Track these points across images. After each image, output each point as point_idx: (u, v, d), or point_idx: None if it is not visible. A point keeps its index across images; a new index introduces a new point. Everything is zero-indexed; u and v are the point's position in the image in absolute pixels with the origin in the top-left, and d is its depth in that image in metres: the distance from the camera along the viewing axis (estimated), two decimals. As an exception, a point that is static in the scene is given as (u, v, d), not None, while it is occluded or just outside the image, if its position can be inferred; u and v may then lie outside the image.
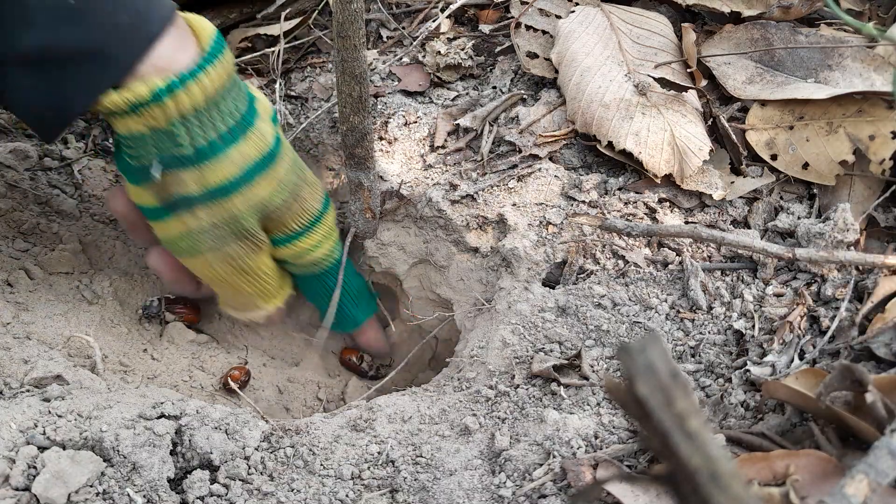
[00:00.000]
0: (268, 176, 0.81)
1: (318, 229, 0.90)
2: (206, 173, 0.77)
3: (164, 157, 0.75)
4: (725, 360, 0.77)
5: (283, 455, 0.69)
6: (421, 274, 1.04)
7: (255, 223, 0.83)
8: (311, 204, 0.88)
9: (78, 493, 0.61)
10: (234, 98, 0.78)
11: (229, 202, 0.79)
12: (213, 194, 0.78)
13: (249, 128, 0.79)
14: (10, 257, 0.90)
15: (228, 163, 0.77)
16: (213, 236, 0.81)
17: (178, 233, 0.81)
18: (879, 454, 0.52)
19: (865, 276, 0.79)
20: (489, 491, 0.66)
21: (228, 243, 0.82)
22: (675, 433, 0.31)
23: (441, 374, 0.89)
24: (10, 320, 0.81)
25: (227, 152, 0.77)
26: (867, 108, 0.88)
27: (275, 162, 0.82)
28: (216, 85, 0.75)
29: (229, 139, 0.77)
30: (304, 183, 0.87)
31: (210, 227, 0.80)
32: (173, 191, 0.78)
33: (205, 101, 0.74)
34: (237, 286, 0.88)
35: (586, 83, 0.95)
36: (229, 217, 0.80)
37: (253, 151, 0.79)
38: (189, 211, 0.79)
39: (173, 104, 0.72)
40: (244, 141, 0.78)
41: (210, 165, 0.77)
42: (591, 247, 0.88)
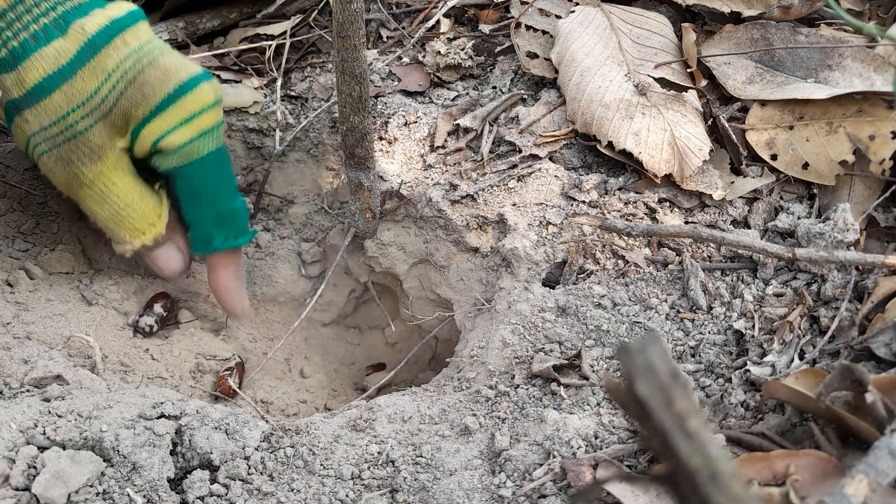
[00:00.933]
0: (90, 67, 0.78)
1: (171, 112, 0.81)
2: (23, 75, 0.76)
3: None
4: (725, 360, 0.77)
5: (283, 455, 0.69)
6: (421, 274, 1.04)
7: (85, 123, 0.79)
8: (156, 88, 0.80)
9: (78, 493, 0.61)
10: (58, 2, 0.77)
11: (51, 101, 0.77)
12: (33, 94, 0.77)
13: (69, 24, 0.77)
14: (10, 257, 0.90)
15: (42, 60, 0.76)
16: (46, 137, 0.79)
17: (21, 138, 0.81)
18: (879, 454, 0.52)
19: (865, 276, 0.79)
20: (489, 491, 0.66)
21: (60, 145, 0.80)
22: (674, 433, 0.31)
23: (441, 374, 0.89)
24: (10, 320, 0.81)
25: (41, 51, 0.76)
26: (867, 108, 0.88)
27: (98, 53, 0.78)
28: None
29: (43, 38, 0.76)
30: (149, 67, 0.80)
31: (39, 130, 0.79)
32: (3, 98, 0.78)
33: (6, 2, 0.74)
34: (92, 208, 0.84)
35: (586, 83, 0.95)
36: (55, 118, 0.78)
37: (70, 46, 0.77)
38: (19, 115, 0.78)
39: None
40: (63, 38, 0.77)
41: (24, 66, 0.76)
42: (591, 247, 0.88)
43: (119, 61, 0.79)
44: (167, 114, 0.80)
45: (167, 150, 0.82)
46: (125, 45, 0.80)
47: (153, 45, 0.82)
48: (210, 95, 0.83)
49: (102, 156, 0.81)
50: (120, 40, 0.79)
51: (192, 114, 0.82)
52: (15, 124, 0.80)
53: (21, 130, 0.80)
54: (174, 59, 0.82)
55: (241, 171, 1.08)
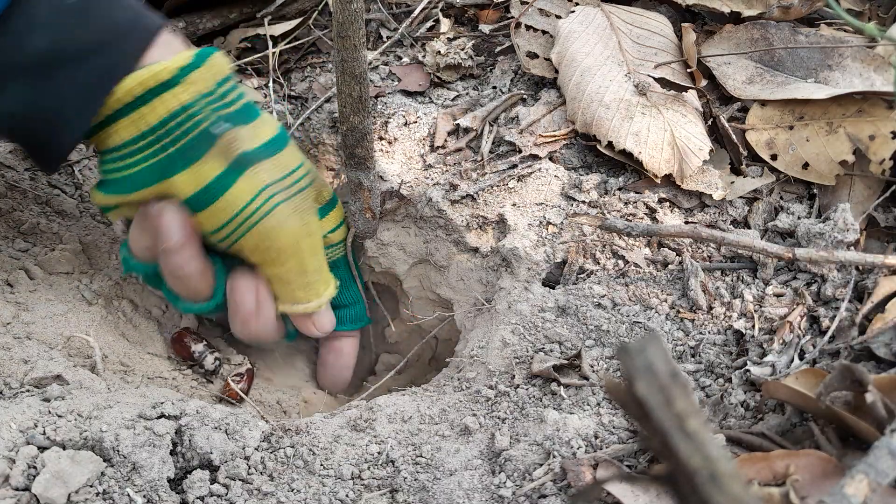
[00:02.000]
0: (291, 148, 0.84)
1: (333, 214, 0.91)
2: (259, 128, 0.80)
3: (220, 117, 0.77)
4: (725, 360, 0.77)
5: (283, 455, 0.69)
6: (421, 274, 1.04)
7: (305, 180, 0.85)
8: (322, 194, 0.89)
9: (78, 493, 0.61)
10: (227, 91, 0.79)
11: (282, 156, 0.82)
12: (269, 149, 0.80)
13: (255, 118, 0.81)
14: (10, 257, 0.90)
15: (270, 119, 0.82)
16: (279, 189, 0.81)
17: (248, 194, 0.79)
18: (879, 454, 0.52)
19: (865, 276, 0.79)
20: (489, 491, 0.66)
21: (294, 195, 0.83)
22: (674, 433, 0.31)
23: (441, 374, 0.89)
24: (10, 320, 0.81)
25: (262, 116, 0.81)
26: (867, 108, 0.88)
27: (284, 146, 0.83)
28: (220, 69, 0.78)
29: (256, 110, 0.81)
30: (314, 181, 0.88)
31: (272, 183, 0.80)
32: (234, 152, 0.77)
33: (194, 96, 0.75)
34: (305, 259, 0.85)
35: (586, 83, 0.95)
36: (286, 171, 0.82)
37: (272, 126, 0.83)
38: (253, 168, 0.79)
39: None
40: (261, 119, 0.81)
41: (256, 124, 0.80)
42: (591, 247, 0.88)
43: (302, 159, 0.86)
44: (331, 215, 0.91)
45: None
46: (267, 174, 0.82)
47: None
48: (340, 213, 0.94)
49: (315, 209, 0.87)
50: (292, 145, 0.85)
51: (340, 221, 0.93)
52: (245, 179, 0.78)
53: (250, 183, 0.78)
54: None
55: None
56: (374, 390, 0.96)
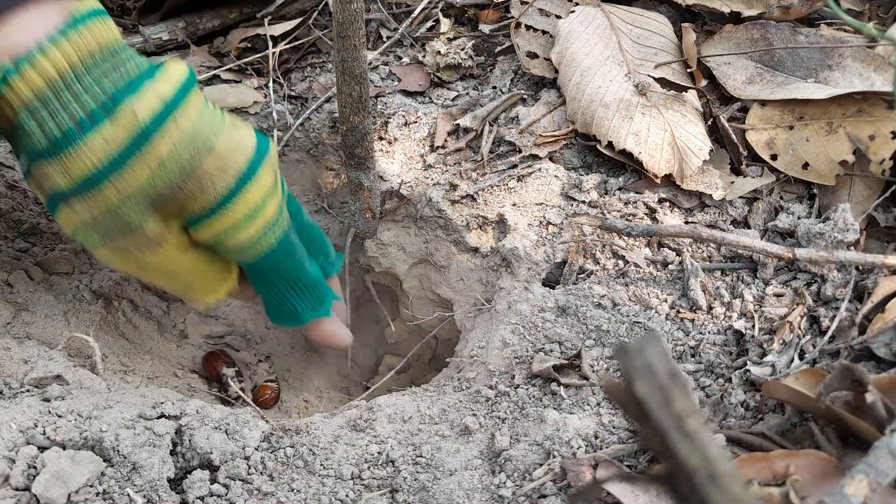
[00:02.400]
0: (142, 157, 0.69)
1: (233, 208, 0.74)
2: (68, 165, 0.67)
3: (28, 150, 0.67)
4: (725, 360, 0.77)
5: (283, 455, 0.69)
6: (421, 274, 1.04)
7: (140, 215, 0.71)
8: (216, 179, 0.72)
9: (78, 493, 0.61)
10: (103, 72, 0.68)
11: (101, 193, 0.69)
12: (81, 187, 0.68)
13: (118, 105, 0.67)
14: (10, 257, 0.90)
15: (90, 151, 0.67)
16: (97, 230, 0.72)
17: (69, 227, 0.72)
18: (879, 454, 0.52)
19: (865, 276, 0.79)
20: (489, 491, 0.66)
21: (115, 238, 0.72)
22: (673, 433, 0.31)
23: (441, 374, 0.89)
24: (10, 320, 0.81)
25: (86, 139, 0.66)
26: (867, 108, 0.88)
27: (151, 140, 0.69)
28: (63, 64, 0.65)
29: (88, 125, 0.67)
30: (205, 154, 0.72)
31: (91, 221, 0.71)
32: (46, 186, 0.69)
33: (48, 84, 0.65)
34: (160, 285, 0.79)
35: (586, 83, 0.95)
36: (106, 210, 0.70)
37: (121, 133, 0.68)
38: (66, 204, 0.70)
39: (11, 93, 0.64)
40: (110, 122, 0.67)
41: (70, 156, 0.67)
42: (591, 247, 0.88)
43: (174, 147, 0.70)
44: (229, 210, 0.73)
45: (232, 247, 0.76)
46: (179, 129, 0.71)
47: (205, 121, 0.73)
48: (271, 175, 0.76)
49: (162, 243, 0.74)
50: (174, 123, 0.70)
51: (256, 206, 0.75)
52: (61, 212, 0.71)
53: (69, 220, 0.71)
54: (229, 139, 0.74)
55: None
56: (373, 391, 0.96)
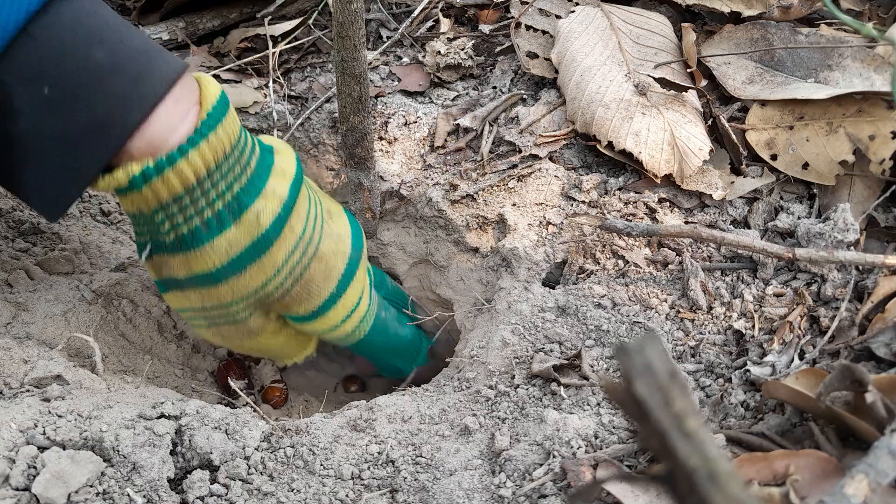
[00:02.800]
0: (261, 263, 0.72)
1: (334, 311, 0.80)
2: (191, 261, 0.70)
3: (152, 240, 0.71)
4: (725, 360, 0.77)
5: (283, 455, 0.69)
6: (421, 274, 1.04)
7: (247, 311, 0.76)
8: (319, 286, 0.77)
9: (78, 493, 0.61)
10: (228, 176, 0.69)
11: (216, 290, 0.73)
12: (199, 281, 0.72)
13: (244, 211, 0.70)
14: (10, 257, 0.90)
15: (213, 252, 0.70)
16: (205, 316, 0.76)
17: (176, 306, 0.77)
18: (879, 454, 0.52)
19: (865, 276, 0.79)
20: (489, 491, 0.66)
21: (220, 325, 0.77)
22: (673, 433, 0.31)
23: (441, 374, 0.89)
24: (10, 320, 0.81)
25: (212, 242, 0.69)
26: (867, 108, 0.88)
27: (270, 247, 0.72)
28: (201, 166, 0.66)
29: (216, 227, 0.69)
30: (313, 261, 0.76)
31: (201, 309, 0.75)
32: (164, 273, 0.73)
33: (185, 186, 0.66)
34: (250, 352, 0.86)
35: (586, 83, 0.95)
36: (217, 303, 0.74)
37: (243, 238, 0.70)
38: (181, 290, 0.74)
39: (150, 192, 0.65)
40: (235, 226, 0.70)
41: (194, 254, 0.70)
42: (591, 247, 0.88)
43: (287, 254, 0.73)
44: (331, 313, 0.80)
45: (330, 340, 0.86)
46: (292, 233, 0.73)
47: (311, 221, 0.76)
48: (364, 271, 0.83)
49: (262, 333, 0.80)
50: (288, 229, 0.73)
51: (354, 305, 0.81)
52: (173, 294, 0.75)
53: (179, 302, 0.75)
54: (331, 241, 0.78)
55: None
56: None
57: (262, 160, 0.73)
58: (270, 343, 0.82)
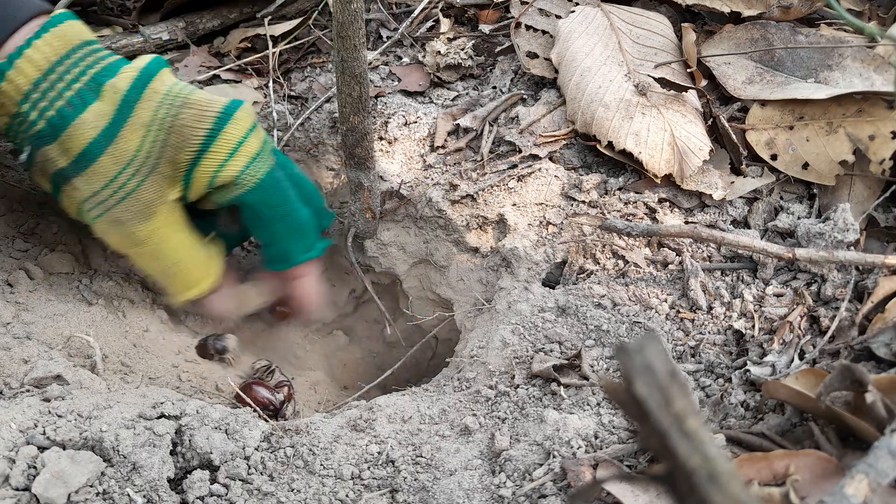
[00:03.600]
0: (130, 124, 0.78)
1: (216, 147, 0.80)
2: (66, 143, 0.77)
3: (29, 138, 0.77)
4: (725, 360, 0.77)
5: (283, 455, 0.69)
6: (421, 274, 1.04)
7: (135, 180, 0.79)
8: (197, 125, 0.80)
9: (78, 493, 0.61)
10: (81, 63, 0.78)
11: (98, 166, 0.78)
12: (80, 162, 0.77)
13: (102, 85, 0.78)
14: (10, 257, 0.90)
15: (83, 126, 0.77)
16: (98, 202, 0.79)
17: (72, 207, 0.81)
18: (879, 454, 0.52)
19: (865, 276, 0.79)
20: (489, 491, 0.66)
21: (112, 208, 0.80)
22: (673, 433, 0.31)
23: (441, 374, 0.89)
24: (10, 320, 0.81)
25: (80, 116, 0.77)
26: (867, 108, 0.88)
27: (133, 108, 0.79)
28: (50, 53, 0.76)
29: (79, 104, 0.77)
30: (182, 108, 0.80)
31: (92, 195, 0.79)
32: (48, 168, 0.78)
33: (39, 73, 0.75)
34: (144, 265, 0.85)
35: (586, 83, 0.95)
36: (105, 179, 0.78)
37: (107, 107, 0.78)
38: (69, 184, 0.79)
39: (9, 85, 0.75)
40: (99, 100, 0.78)
41: (67, 134, 0.77)
42: (591, 247, 0.88)
43: (154, 111, 0.79)
44: (213, 149, 0.80)
45: (224, 185, 0.82)
46: (156, 93, 0.80)
47: (179, 86, 0.82)
48: (247, 119, 0.83)
49: (155, 211, 0.81)
50: (150, 90, 0.80)
51: (237, 142, 0.81)
52: (63, 193, 0.80)
53: (71, 198, 0.80)
54: (203, 95, 0.82)
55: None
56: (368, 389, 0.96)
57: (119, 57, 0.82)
58: (166, 241, 0.83)
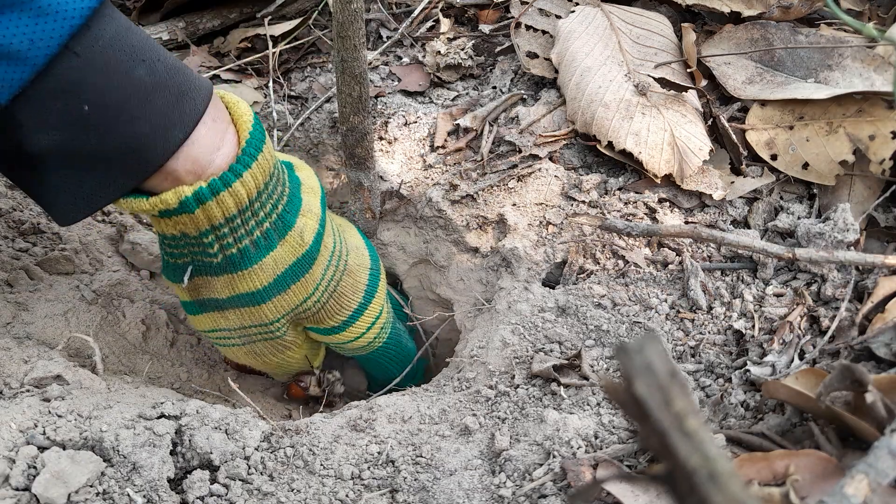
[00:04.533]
0: (303, 281, 0.75)
1: (360, 321, 0.83)
2: (237, 281, 0.72)
3: (195, 262, 0.71)
4: (725, 360, 0.77)
5: (283, 455, 0.69)
6: (421, 274, 1.04)
7: (285, 327, 0.79)
8: (350, 298, 0.81)
9: (78, 493, 0.61)
10: (273, 195, 0.70)
11: (260, 309, 0.75)
12: (243, 300, 0.74)
13: (288, 230, 0.72)
14: (10, 257, 0.90)
15: (260, 272, 0.72)
16: (242, 335, 0.79)
17: (208, 328, 0.79)
18: (879, 454, 0.52)
19: (865, 276, 0.79)
20: (489, 491, 0.66)
21: (256, 342, 0.80)
22: (673, 433, 0.31)
23: (441, 374, 0.89)
24: (10, 320, 0.81)
25: (261, 262, 0.71)
26: (867, 108, 0.88)
27: (312, 264, 0.75)
28: (253, 188, 0.66)
29: (264, 246, 0.70)
30: (344, 275, 0.80)
31: (240, 328, 0.78)
32: (203, 294, 0.74)
33: (238, 207, 0.66)
34: (262, 368, 0.88)
35: (586, 83, 0.95)
36: (258, 321, 0.77)
37: (288, 256, 0.72)
38: (219, 311, 0.76)
39: (203, 214, 0.65)
40: (280, 245, 0.72)
41: (241, 274, 0.71)
42: (591, 247, 0.88)
43: (324, 269, 0.77)
44: (356, 325, 0.83)
45: (350, 350, 0.87)
46: (326, 249, 0.77)
47: (337, 238, 0.80)
48: (384, 290, 0.85)
49: (293, 347, 0.83)
50: (324, 245, 0.76)
51: (374, 319, 0.85)
52: (207, 316, 0.77)
53: (214, 322, 0.77)
54: (356, 254, 0.82)
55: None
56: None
57: (292, 178, 0.75)
58: (296, 357, 0.85)
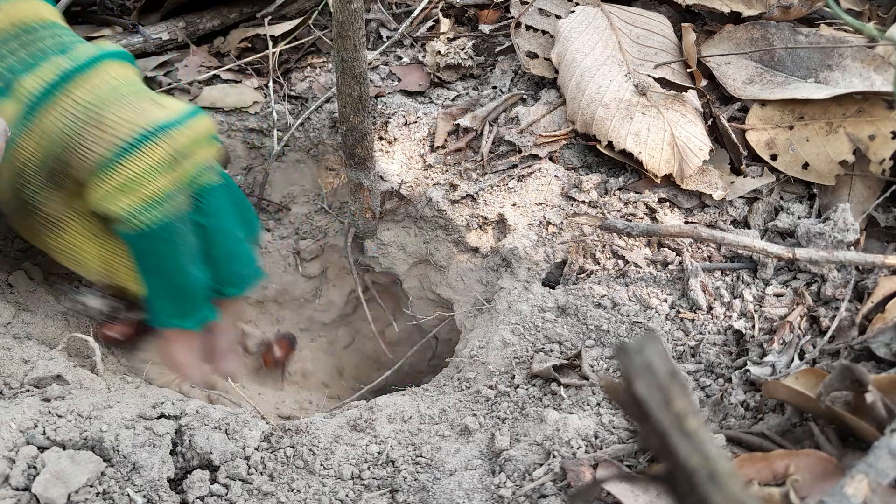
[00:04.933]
0: (29, 131, 0.70)
1: (106, 179, 0.69)
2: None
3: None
4: (725, 360, 0.77)
5: (283, 455, 0.69)
6: (421, 274, 1.04)
7: (36, 193, 0.72)
8: (93, 149, 0.69)
9: (78, 493, 0.61)
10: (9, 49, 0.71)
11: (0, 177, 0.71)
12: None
13: (13, 84, 0.70)
14: (10, 257, 0.90)
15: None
16: (9, 207, 0.74)
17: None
18: (879, 454, 0.52)
19: (865, 276, 0.79)
20: (489, 491, 0.66)
21: (23, 216, 0.75)
22: (673, 432, 0.31)
23: (441, 374, 0.89)
24: (10, 320, 0.81)
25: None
26: (867, 108, 0.88)
27: (37, 113, 0.70)
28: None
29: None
30: (90, 126, 0.70)
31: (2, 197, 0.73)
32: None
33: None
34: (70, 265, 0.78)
35: (586, 83, 0.95)
36: (8, 185, 0.72)
37: (16, 108, 0.70)
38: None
39: None
40: (9, 98, 0.70)
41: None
42: (591, 247, 0.88)
43: (56, 120, 0.70)
44: (103, 179, 0.70)
45: (107, 217, 0.72)
46: (70, 100, 0.70)
47: (103, 94, 0.71)
48: (165, 153, 0.71)
49: (63, 226, 0.74)
50: (65, 96, 0.70)
51: (132, 179, 0.70)
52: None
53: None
54: (122, 113, 0.70)
55: (241, 170, 1.09)
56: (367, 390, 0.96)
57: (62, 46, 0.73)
58: (81, 251, 0.76)
